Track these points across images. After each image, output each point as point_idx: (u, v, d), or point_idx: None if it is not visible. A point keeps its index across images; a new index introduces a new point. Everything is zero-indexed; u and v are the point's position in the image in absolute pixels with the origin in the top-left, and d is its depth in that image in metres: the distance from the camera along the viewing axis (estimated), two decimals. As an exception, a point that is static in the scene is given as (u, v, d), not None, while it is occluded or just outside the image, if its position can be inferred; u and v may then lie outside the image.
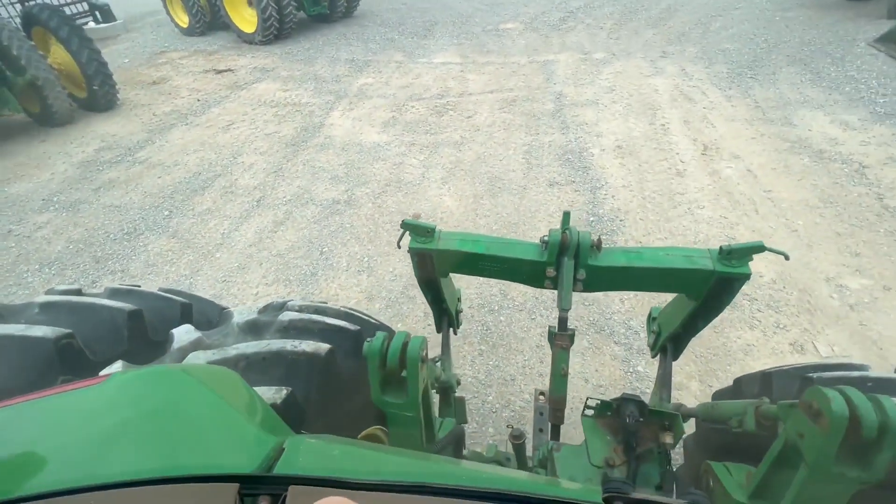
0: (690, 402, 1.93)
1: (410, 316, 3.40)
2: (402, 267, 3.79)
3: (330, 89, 7.48)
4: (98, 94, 6.90)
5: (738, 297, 2.29)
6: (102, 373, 1.01)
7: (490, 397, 2.82)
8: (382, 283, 3.70)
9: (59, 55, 6.79)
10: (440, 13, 11.45)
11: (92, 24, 11.22)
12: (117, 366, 1.05)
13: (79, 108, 7.03)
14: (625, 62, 7.57)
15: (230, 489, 0.53)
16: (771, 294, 3.31)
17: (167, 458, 0.59)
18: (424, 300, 1.68)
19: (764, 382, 1.34)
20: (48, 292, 1.40)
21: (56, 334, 1.09)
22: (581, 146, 5.36)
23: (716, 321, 1.45)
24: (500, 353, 3.09)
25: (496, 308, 3.40)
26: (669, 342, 1.57)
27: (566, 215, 1.28)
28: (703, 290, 1.26)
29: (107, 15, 11.49)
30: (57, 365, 1.10)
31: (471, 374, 2.95)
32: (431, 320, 1.76)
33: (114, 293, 1.43)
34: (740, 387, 1.49)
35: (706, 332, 2.60)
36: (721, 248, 1.21)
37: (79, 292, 1.40)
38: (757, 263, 1.13)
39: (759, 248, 1.14)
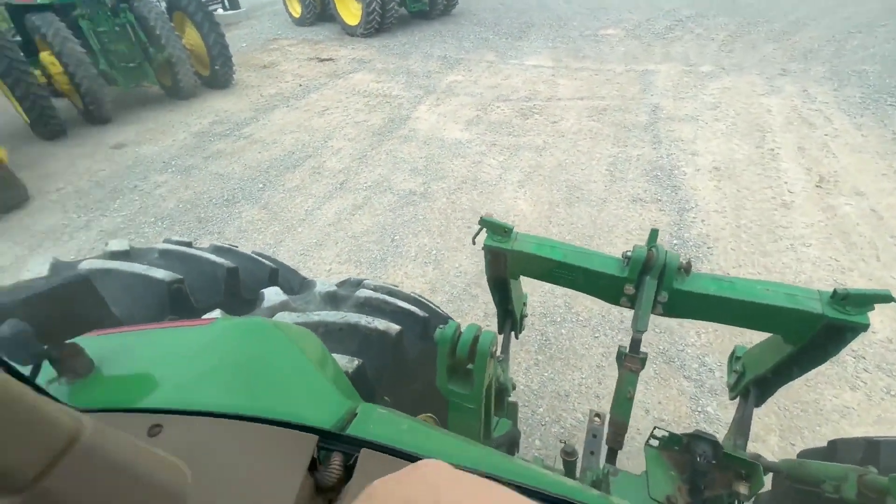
0: (767, 457, 1.74)
1: (470, 314, 3.41)
2: (469, 264, 3.81)
3: (420, 84, 7.69)
4: (218, 74, 7.76)
5: (843, 351, 2.01)
6: (205, 317, 1.14)
7: (541, 409, 2.76)
8: (447, 277, 3.75)
9: (191, 37, 7.70)
10: (538, 14, 11.29)
11: (220, 11, 12.57)
12: (216, 313, 1.17)
13: (201, 84, 7.92)
14: (735, 77, 6.95)
15: (310, 440, 0.57)
16: (884, 354, 2.88)
17: (258, 399, 0.65)
18: (486, 300, 1.68)
19: (869, 450, 1.17)
20: (166, 241, 1.60)
21: (171, 278, 1.24)
22: (672, 163, 5.02)
23: (809, 373, 1.29)
24: (556, 366, 3.00)
25: (559, 319, 3.30)
26: (753, 386, 1.43)
27: (653, 232, 1.21)
28: (805, 335, 1.13)
29: (233, 3, 12.87)
30: (167, 305, 1.25)
31: (524, 383, 2.90)
32: (490, 321, 1.76)
33: (217, 249, 1.60)
34: (836, 450, 1.32)
35: (796, 384, 2.32)
36: (835, 290, 1.07)
37: (189, 245, 1.58)
38: (871, 316, 0.98)
39: (887, 298, 1.00)
